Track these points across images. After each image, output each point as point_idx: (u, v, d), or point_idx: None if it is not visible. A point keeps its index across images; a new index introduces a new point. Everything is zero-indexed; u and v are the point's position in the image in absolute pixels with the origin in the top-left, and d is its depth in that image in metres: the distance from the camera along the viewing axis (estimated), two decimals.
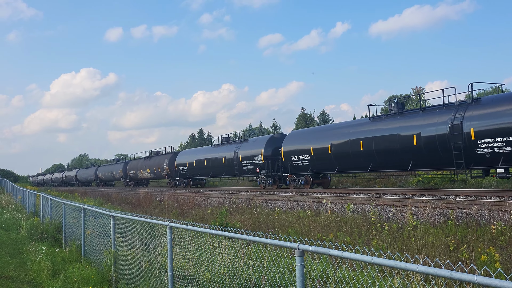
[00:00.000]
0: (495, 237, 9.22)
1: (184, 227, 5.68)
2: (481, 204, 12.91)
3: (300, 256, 3.48)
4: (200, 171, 39.12)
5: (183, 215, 18.12)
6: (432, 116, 18.61)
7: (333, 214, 13.96)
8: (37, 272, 8.99)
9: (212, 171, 37.22)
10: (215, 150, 37.30)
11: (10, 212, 21.95)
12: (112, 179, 66.60)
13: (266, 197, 21.72)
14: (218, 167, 35.71)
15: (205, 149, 41.48)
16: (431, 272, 2.54)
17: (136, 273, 7.19)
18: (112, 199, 30.06)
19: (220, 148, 36.44)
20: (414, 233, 9.95)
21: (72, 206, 11.91)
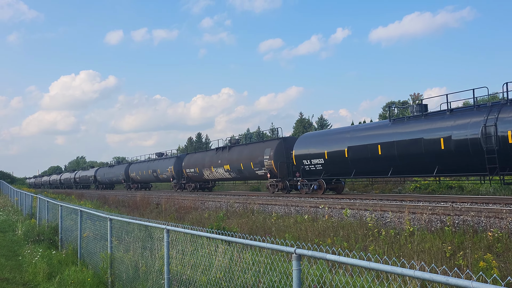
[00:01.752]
0: (492, 244, 9.23)
1: (181, 231, 5.68)
2: (478, 211, 12.93)
3: (297, 260, 3.49)
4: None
5: (180, 218, 18.09)
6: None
7: (330, 219, 13.97)
8: (33, 275, 8.95)
9: None
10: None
11: (7, 214, 21.87)
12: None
13: (264, 201, 21.71)
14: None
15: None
16: (427, 277, 2.55)
17: (133, 276, 7.17)
18: (109, 202, 29.98)
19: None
20: (411, 239, 9.96)
21: (69, 209, 11.88)
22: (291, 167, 27.28)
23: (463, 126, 17.43)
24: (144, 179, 51.46)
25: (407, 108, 37.55)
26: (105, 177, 62.89)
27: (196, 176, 39.27)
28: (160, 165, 46.14)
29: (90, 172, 71.31)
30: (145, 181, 52.30)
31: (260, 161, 29.47)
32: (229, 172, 33.89)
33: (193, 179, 40.07)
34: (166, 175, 44.68)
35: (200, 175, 38.29)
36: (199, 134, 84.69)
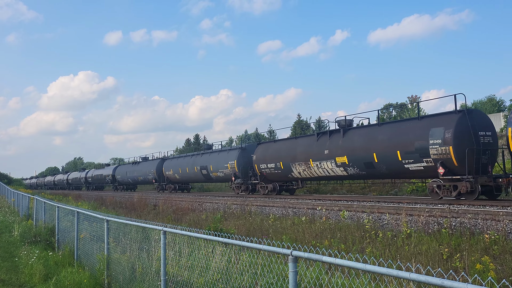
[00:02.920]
0: (488, 246, 9.25)
1: (178, 232, 5.67)
2: (475, 213, 12.96)
3: (293, 262, 3.49)
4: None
5: (177, 220, 18.06)
6: None
7: (328, 221, 13.97)
8: (29, 276, 8.92)
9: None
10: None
11: (3, 215, 21.80)
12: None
13: (261, 203, 21.70)
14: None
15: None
16: (423, 280, 2.55)
17: (129, 278, 7.16)
18: (107, 203, 29.92)
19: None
20: (408, 241, 9.97)
21: (66, 210, 11.85)
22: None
23: None
24: (186, 178, 40.71)
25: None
26: (127, 176, 53.16)
27: (276, 174, 28.01)
28: (214, 159, 35.04)
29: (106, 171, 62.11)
30: (187, 180, 41.70)
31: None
32: (345, 167, 22.65)
33: (272, 178, 28.86)
34: (223, 173, 33.89)
35: (286, 171, 27.11)
36: (197, 135, 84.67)
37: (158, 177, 44.42)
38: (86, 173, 70.54)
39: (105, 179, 61.23)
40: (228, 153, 33.77)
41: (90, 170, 72.51)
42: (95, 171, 67.74)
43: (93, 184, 67.33)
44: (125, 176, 53.85)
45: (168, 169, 42.77)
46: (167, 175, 42.94)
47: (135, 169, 50.69)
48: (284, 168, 26.78)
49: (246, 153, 32.10)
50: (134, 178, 50.97)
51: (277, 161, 27.31)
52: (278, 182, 28.61)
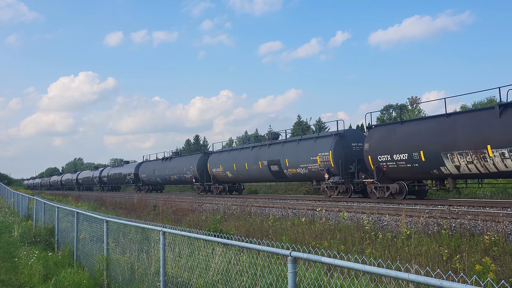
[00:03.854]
0: (488, 248, 9.25)
1: (178, 233, 5.67)
2: (475, 215, 12.95)
3: (292, 263, 3.49)
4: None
5: (177, 221, 18.05)
6: None
7: (328, 222, 13.97)
8: (28, 276, 8.91)
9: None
10: None
11: (3, 215, 21.80)
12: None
13: (261, 204, 21.69)
14: None
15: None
16: (422, 280, 2.55)
17: (129, 278, 7.15)
18: (107, 204, 29.91)
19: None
20: (407, 242, 9.97)
21: (66, 210, 11.85)
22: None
23: None
24: (243, 176, 31.56)
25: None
26: (155, 174, 44.99)
27: (411, 170, 18.84)
28: (292, 151, 25.93)
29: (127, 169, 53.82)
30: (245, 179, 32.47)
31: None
32: None
33: (400, 175, 19.60)
34: (306, 169, 24.75)
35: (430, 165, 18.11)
36: (197, 136, 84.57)
37: (200, 175, 35.95)
38: (101, 172, 62.87)
39: (125, 179, 53.20)
40: (315, 142, 24.40)
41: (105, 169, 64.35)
42: (111, 170, 59.91)
43: (109, 184, 60.12)
44: (152, 175, 45.74)
45: (215, 165, 34.04)
46: (214, 173, 34.20)
47: (166, 166, 42.49)
48: (428, 160, 18.02)
49: (344, 141, 23.22)
50: (165, 177, 42.97)
51: (415, 150, 18.17)
52: (405, 181, 19.47)
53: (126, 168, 54.51)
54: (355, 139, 23.64)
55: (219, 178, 34.50)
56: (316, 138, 24.75)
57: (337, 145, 23.00)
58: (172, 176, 41.38)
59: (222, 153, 34.69)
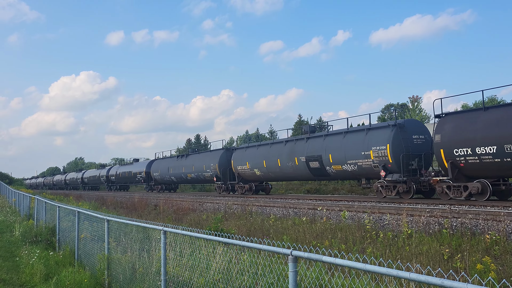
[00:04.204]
0: (489, 247, 9.24)
1: (179, 232, 5.67)
2: (476, 214, 12.94)
3: (293, 262, 3.49)
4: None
5: (178, 220, 18.07)
6: None
7: (329, 221, 13.97)
8: (29, 276, 8.92)
9: None
10: None
11: (4, 215, 21.83)
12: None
13: (262, 203, 21.70)
14: None
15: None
16: (423, 279, 2.55)
17: (130, 278, 7.16)
18: (107, 203, 29.94)
19: None
20: (408, 242, 9.96)
21: (67, 210, 11.86)
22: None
23: None
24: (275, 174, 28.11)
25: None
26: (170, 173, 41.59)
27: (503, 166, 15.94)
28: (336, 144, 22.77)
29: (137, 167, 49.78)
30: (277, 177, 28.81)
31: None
32: None
33: (482, 172, 16.90)
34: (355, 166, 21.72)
35: None
36: (197, 136, 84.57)
37: (222, 173, 33.12)
38: (108, 171, 59.58)
39: (135, 177, 49.98)
40: (367, 135, 21.16)
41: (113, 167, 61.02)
42: (120, 168, 56.57)
43: (118, 183, 57.04)
44: (165, 173, 42.44)
45: (241, 162, 30.92)
46: (239, 170, 31.21)
47: (182, 164, 39.20)
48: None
49: (404, 133, 20.17)
50: (180, 176, 39.71)
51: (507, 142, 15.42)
52: (489, 179, 16.77)
53: (136, 166, 50.91)
54: (416, 131, 20.65)
55: (245, 177, 31.22)
56: (368, 130, 21.38)
57: (396, 137, 19.79)
58: (189, 175, 37.94)
59: (249, 149, 31.06)
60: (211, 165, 34.47)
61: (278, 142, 28.41)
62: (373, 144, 20.70)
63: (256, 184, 31.15)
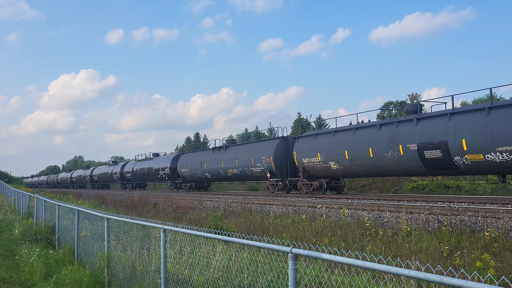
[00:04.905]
0: (488, 244, 9.26)
1: (178, 230, 5.67)
2: (475, 211, 12.96)
3: (293, 260, 3.49)
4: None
5: (178, 218, 18.08)
6: None
7: (328, 219, 13.98)
8: (29, 274, 8.93)
9: None
10: None
11: (4, 214, 21.82)
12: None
13: (262, 201, 21.71)
14: None
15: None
16: (422, 277, 2.55)
17: (130, 276, 7.17)
18: (107, 202, 29.95)
19: None
20: (408, 239, 9.98)
21: (66, 208, 11.86)
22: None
23: None
24: (364, 167, 22.23)
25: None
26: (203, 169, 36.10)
27: None
28: (473, 126, 16.92)
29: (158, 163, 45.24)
30: (365, 171, 22.65)
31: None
32: None
33: None
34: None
35: None
36: (197, 134, 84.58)
37: (279, 168, 27.06)
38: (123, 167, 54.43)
39: (156, 174, 44.63)
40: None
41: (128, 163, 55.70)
42: (137, 164, 50.67)
43: (134, 181, 51.41)
44: (197, 169, 36.77)
45: (308, 153, 24.88)
46: (304, 164, 25.17)
47: (220, 158, 33.39)
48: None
49: None
50: (218, 172, 33.82)
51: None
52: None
53: (158, 162, 45.26)
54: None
55: (313, 172, 25.04)
56: None
57: None
58: (230, 170, 32.05)
59: (320, 136, 24.87)
60: (262, 158, 28.10)
61: (368, 126, 22.61)
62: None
63: (328, 180, 24.99)
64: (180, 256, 6.28)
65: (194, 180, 39.06)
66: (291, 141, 27.94)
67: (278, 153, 27.58)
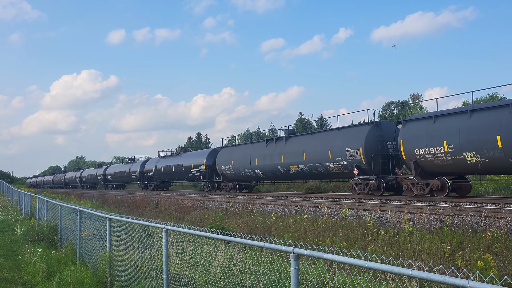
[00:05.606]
0: (491, 244, 9.25)
1: (180, 230, 5.68)
2: (477, 211, 12.94)
3: (295, 260, 3.50)
4: None
5: (179, 218, 18.09)
6: None
7: (330, 219, 13.98)
8: (32, 274, 8.95)
9: None
10: None
11: (6, 214, 21.86)
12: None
13: (263, 201, 21.71)
14: None
15: None
16: (424, 276, 2.55)
17: (132, 276, 7.18)
18: (109, 202, 29.99)
19: None
20: (410, 239, 9.97)
21: (68, 208, 11.88)
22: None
23: None
24: None
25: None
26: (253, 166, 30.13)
27: None
28: None
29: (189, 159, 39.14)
30: None
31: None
32: None
33: None
34: None
35: None
36: (198, 134, 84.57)
37: (372, 163, 20.85)
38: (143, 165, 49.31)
39: (187, 173, 38.73)
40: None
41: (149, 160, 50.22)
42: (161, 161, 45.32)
43: (158, 180, 46.20)
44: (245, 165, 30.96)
45: (426, 141, 18.42)
46: (418, 156, 18.74)
47: (280, 151, 27.38)
48: None
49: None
50: (275, 168, 27.83)
51: None
52: None
53: (189, 158, 39.68)
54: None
55: (431, 167, 18.68)
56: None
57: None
58: (293, 167, 26.08)
59: (443, 118, 18.24)
60: (346, 150, 22.02)
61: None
62: None
63: (451, 178, 18.69)
64: (182, 256, 6.28)
65: (239, 179, 32.85)
66: (388, 128, 22.10)
67: (370, 143, 21.25)
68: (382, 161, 21.04)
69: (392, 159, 20.79)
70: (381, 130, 21.74)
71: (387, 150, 21.37)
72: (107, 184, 60.94)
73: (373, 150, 21.26)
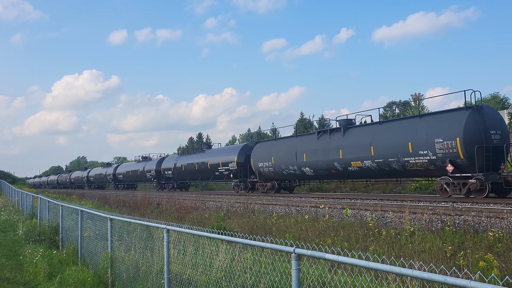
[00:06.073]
0: (492, 244, 9.23)
1: (181, 230, 5.68)
2: (479, 211, 12.92)
3: (296, 260, 3.49)
4: None
5: (180, 218, 18.10)
6: None
7: (331, 219, 13.97)
8: (33, 274, 8.96)
9: None
10: None
11: (7, 214, 21.90)
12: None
13: (265, 201, 21.71)
14: None
15: None
16: (426, 277, 2.55)
17: (133, 276, 7.18)
18: (110, 202, 30.02)
19: None
20: (411, 239, 9.96)
21: (70, 208, 11.89)
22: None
23: None
24: None
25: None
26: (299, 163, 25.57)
27: None
28: None
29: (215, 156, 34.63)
30: None
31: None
32: None
33: None
34: None
35: None
36: (199, 134, 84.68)
37: (476, 157, 16.54)
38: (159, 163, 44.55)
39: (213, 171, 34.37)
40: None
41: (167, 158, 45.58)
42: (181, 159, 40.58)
43: (176, 180, 41.75)
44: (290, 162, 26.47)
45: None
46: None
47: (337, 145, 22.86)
48: None
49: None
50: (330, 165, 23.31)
51: None
52: None
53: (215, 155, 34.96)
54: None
55: None
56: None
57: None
58: (355, 163, 21.63)
59: None
60: (435, 142, 17.86)
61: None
62: None
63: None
64: (183, 256, 6.29)
65: (280, 178, 28.53)
66: (491, 114, 17.95)
67: (471, 133, 17.01)
68: (487, 155, 16.71)
69: (498, 152, 16.85)
70: (482, 117, 17.27)
71: (491, 142, 17.09)
72: (117, 184, 56.66)
73: (475, 141, 16.80)
